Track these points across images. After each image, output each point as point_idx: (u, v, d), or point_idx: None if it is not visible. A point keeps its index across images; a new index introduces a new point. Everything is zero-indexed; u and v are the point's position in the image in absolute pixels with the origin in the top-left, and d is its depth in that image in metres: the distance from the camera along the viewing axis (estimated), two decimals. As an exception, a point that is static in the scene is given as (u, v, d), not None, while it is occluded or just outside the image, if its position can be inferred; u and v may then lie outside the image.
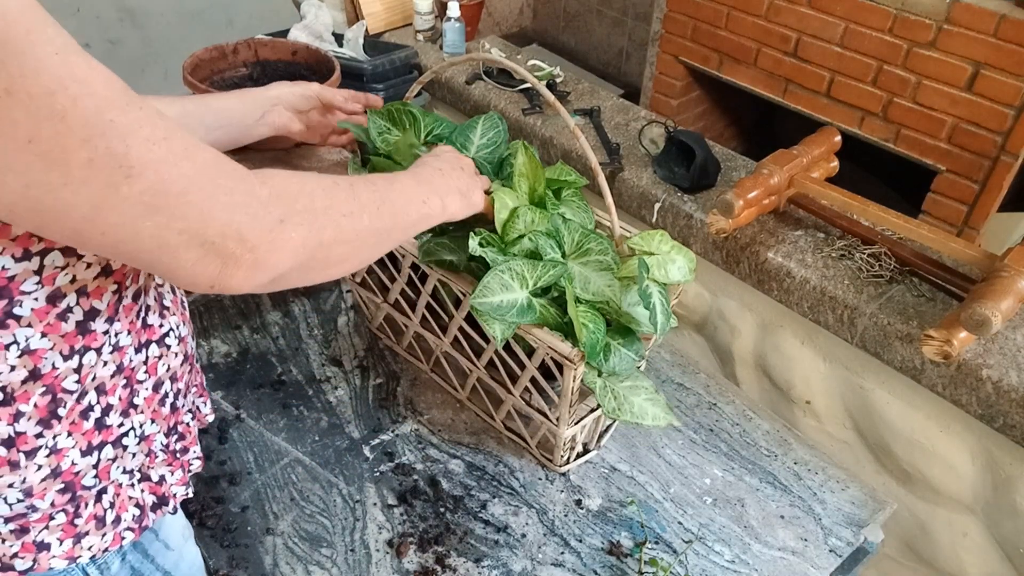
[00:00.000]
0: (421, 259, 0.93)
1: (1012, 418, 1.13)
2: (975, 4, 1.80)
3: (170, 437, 0.72)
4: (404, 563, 0.92)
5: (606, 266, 0.87)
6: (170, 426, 0.71)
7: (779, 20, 2.16)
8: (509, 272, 0.84)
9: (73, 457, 0.60)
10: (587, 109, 1.81)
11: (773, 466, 1.07)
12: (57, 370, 0.57)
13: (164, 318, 0.68)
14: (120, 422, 0.63)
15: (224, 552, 0.92)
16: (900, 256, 1.32)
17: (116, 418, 0.63)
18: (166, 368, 0.68)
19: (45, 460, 0.58)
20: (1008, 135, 1.85)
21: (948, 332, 1.13)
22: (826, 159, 1.47)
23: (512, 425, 1.05)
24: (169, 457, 0.72)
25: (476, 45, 2.18)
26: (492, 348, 0.95)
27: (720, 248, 1.46)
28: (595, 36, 3.25)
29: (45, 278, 0.53)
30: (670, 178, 1.57)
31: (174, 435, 0.73)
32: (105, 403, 0.62)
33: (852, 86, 2.09)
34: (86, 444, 0.61)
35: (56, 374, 0.57)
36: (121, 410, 0.63)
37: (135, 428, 0.65)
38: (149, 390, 0.66)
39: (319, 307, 1.28)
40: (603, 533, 0.97)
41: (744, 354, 1.55)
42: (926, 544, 1.36)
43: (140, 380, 0.64)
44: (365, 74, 1.93)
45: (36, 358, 0.55)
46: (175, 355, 0.69)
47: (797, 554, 0.96)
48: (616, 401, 0.88)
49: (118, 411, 0.63)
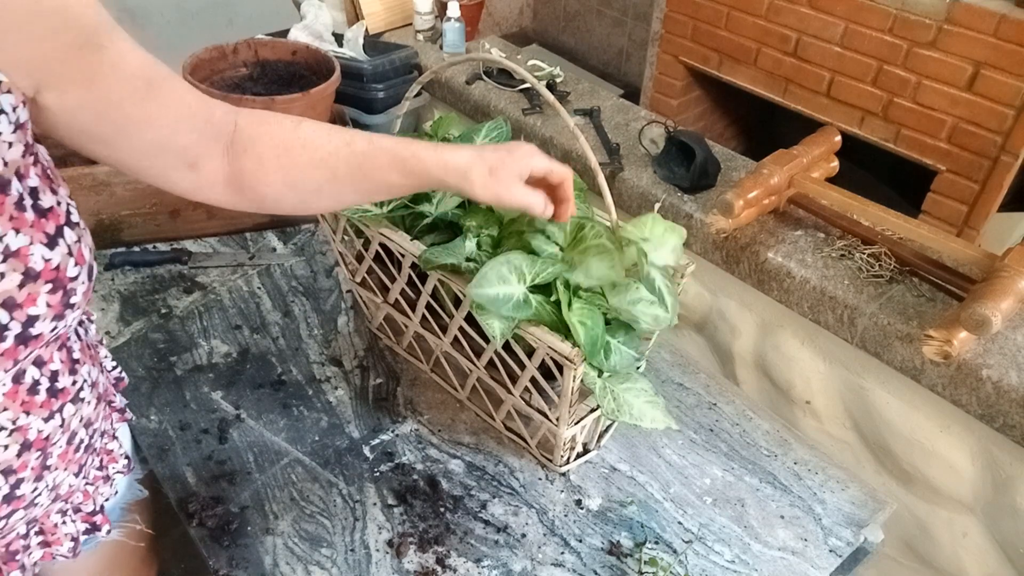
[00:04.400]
0: (423, 266, 0.93)
1: (1012, 418, 1.13)
2: (975, 4, 1.80)
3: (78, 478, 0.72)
4: (404, 563, 0.92)
5: (603, 249, 0.85)
6: (81, 465, 0.72)
7: (779, 20, 2.16)
8: (508, 265, 0.83)
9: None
10: (587, 109, 1.81)
11: (773, 466, 1.07)
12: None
13: (76, 373, 0.67)
14: (34, 487, 0.63)
15: (224, 552, 0.92)
16: (900, 256, 1.31)
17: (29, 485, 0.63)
18: (79, 420, 0.67)
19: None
20: (1008, 135, 1.85)
21: (948, 332, 1.13)
22: (826, 159, 1.47)
23: (512, 425, 1.05)
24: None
25: (476, 45, 2.18)
26: (492, 348, 0.95)
27: (720, 248, 1.46)
28: (595, 36, 3.25)
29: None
30: (670, 178, 1.57)
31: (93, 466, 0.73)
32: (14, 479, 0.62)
33: (852, 86, 2.09)
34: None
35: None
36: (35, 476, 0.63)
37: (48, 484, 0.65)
38: (63, 446, 0.66)
39: (319, 307, 1.28)
40: (603, 533, 0.97)
41: (744, 354, 1.55)
42: (926, 544, 1.36)
43: (55, 441, 0.64)
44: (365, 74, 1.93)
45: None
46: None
47: (797, 554, 0.96)
48: (616, 402, 0.88)
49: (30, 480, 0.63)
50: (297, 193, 0.74)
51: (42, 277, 0.57)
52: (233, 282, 1.32)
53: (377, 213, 0.99)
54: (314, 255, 1.39)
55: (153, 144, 0.66)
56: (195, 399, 1.11)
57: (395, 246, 0.97)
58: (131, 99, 0.62)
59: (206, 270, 1.34)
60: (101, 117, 0.62)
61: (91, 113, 0.61)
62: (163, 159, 0.67)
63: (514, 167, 0.76)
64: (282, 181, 0.73)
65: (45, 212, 0.58)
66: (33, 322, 0.57)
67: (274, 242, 1.42)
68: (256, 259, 1.37)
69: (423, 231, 1.00)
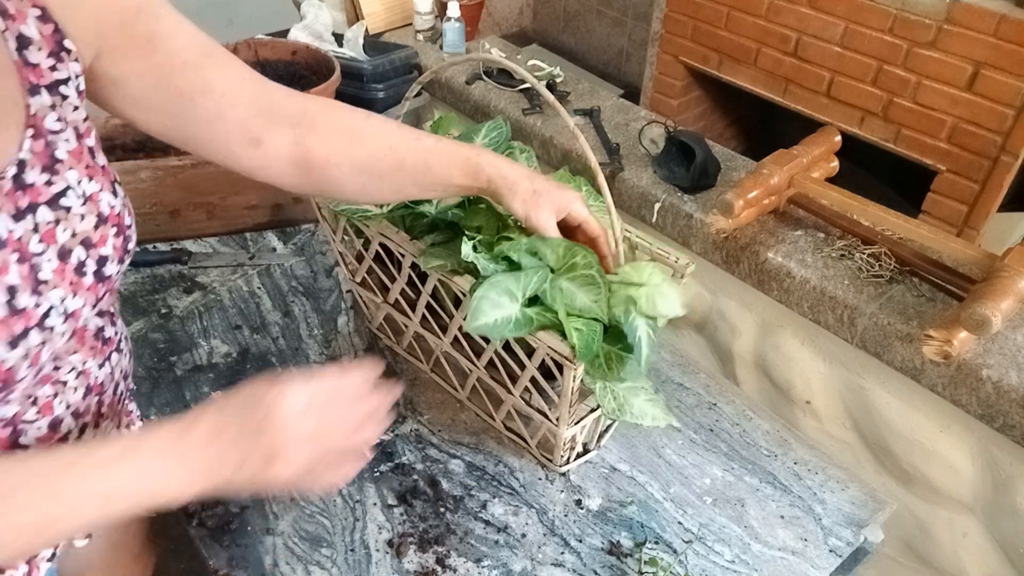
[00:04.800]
0: (422, 266, 0.93)
1: (1012, 418, 1.13)
2: (975, 4, 1.80)
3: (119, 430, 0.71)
4: (404, 563, 0.92)
5: (591, 280, 0.84)
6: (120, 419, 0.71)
7: (779, 20, 2.16)
8: (496, 289, 0.81)
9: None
10: (587, 109, 1.82)
11: (773, 466, 1.07)
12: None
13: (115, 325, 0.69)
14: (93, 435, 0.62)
15: (224, 552, 0.92)
16: (900, 256, 1.32)
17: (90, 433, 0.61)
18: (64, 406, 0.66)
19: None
20: (1008, 135, 1.85)
21: (948, 332, 1.13)
22: (826, 159, 1.47)
23: (512, 425, 1.05)
24: None
25: (476, 45, 2.18)
26: (492, 348, 0.95)
27: (720, 248, 1.46)
28: (595, 36, 3.25)
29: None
30: (670, 178, 1.57)
31: None
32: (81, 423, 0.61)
33: (852, 86, 2.09)
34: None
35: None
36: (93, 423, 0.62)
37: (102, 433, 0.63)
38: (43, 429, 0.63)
39: (319, 307, 1.28)
40: (603, 533, 0.97)
41: (744, 354, 1.55)
42: (926, 544, 1.36)
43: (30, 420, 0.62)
44: (365, 74, 1.93)
45: None
46: (74, 390, 0.66)
47: (797, 554, 0.96)
48: (616, 402, 0.88)
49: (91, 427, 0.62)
50: (362, 178, 0.77)
51: (109, 221, 0.63)
52: (233, 282, 1.32)
53: (377, 213, 0.98)
54: (314, 255, 1.39)
55: (213, 114, 0.68)
56: (195, 399, 1.11)
57: (395, 246, 0.97)
58: (189, 66, 0.66)
59: (206, 270, 1.34)
60: (159, 85, 0.65)
61: (151, 80, 0.64)
62: (223, 132, 0.70)
63: (556, 199, 0.79)
64: (350, 164, 0.75)
65: (103, 167, 0.64)
66: (104, 262, 0.63)
67: (274, 242, 1.42)
68: (256, 259, 1.37)
69: (423, 231, 1.00)
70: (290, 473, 0.57)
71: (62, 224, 0.59)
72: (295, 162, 0.74)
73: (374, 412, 0.64)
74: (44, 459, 0.53)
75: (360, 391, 0.63)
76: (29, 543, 0.54)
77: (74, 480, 0.53)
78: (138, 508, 0.55)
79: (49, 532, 0.53)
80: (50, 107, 0.58)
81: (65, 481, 0.52)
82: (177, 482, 0.55)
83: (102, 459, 0.54)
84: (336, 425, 0.60)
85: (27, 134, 0.57)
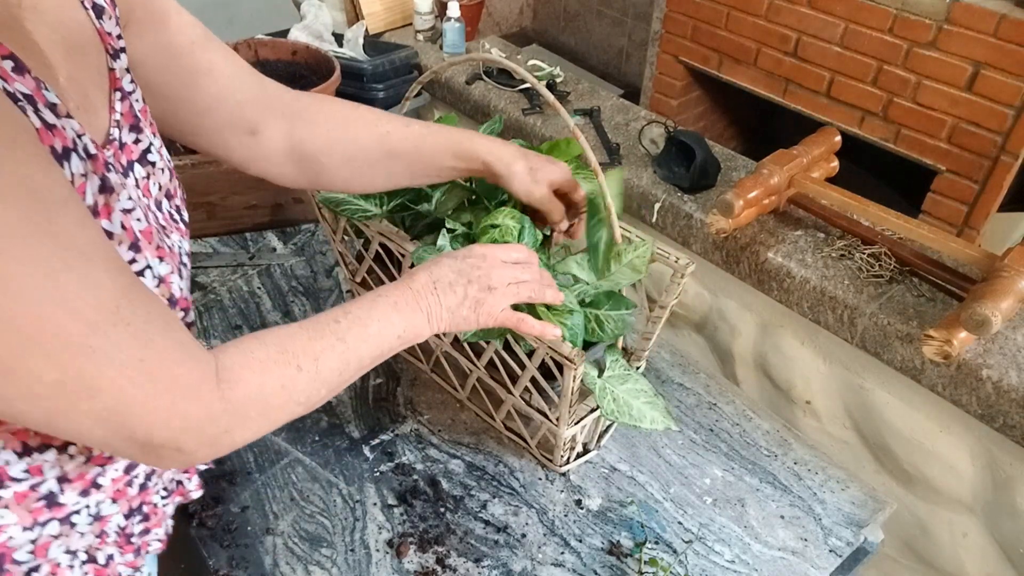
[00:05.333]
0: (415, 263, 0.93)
1: (1012, 418, 1.13)
2: (975, 4, 1.80)
3: (131, 519, 0.66)
4: (404, 563, 0.92)
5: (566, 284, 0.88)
6: (133, 507, 0.65)
7: (779, 20, 2.16)
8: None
9: (11, 532, 0.55)
10: (587, 109, 1.82)
11: (773, 466, 1.07)
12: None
13: None
14: (75, 500, 0.58)
15: (224, 552, 0.92)
16: (900, 256, 1.32)
17: (72, 496, 0.58)
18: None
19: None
20: (1008, 135, 1.85)
21: (948, 332, 1.13)
22: (826, 159, 1.47)
23: (512, 425, 1.05)
24: (122, 540, 0.66)
25: (476, 45, 2.18)
26: (492, 348, 0.95)
27: (720, 248, 1.46)
28: (595, 36, 3.25)
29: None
30: (670, 178, 1.57)
31: (136, 516, 0.66)
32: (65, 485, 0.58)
33: (852, 86, 2.10)
34: (31, 520, 0.56)
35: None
36: (81, 489, 0.58)
37: (89, 507, 0.60)
38: (120, 471, 0.61)
39: (319, 307, 1.28)
40: (603, 533, 0.97)
41: (744, 354, 1.55)
42: (926, 544, 1.36)
43: (109, 457, 0.60)
44: (365, 74, 1.93)
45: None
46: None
47: (797, 554, 0.96)
48: (616, 403, 0.88)
49: (76, 490, 0.58)
50: (353, 166, 0.78)
51: (172, 174, 0.67)
52: (233, 282, 1.32)
53: (377, 213, 0.98)
54: (314, 255, 1.39)
55: (213, 99, 0.71)
56: (195, 399, 1.11)
57: (395, 246, 0.97)
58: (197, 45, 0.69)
59: (206, 270, 1.34)
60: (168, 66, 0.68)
61: (162, 59, 0.67)
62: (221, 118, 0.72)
63: (550, 173, 0.82)
64: (341, 153, 0.77)
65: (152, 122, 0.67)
66: (180, 210, 0.67)
67: (274, 242, 1.42)
68: (256, 259, 1.37)
69: (423, 231, 1.00)
70: (500, 305, 0.71)
71: (152, 179, 0.63)
72: (288, 153, 0.76)
73: (549, 282, 0.77)
74: (313, 324, 0.62)
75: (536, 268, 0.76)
76: (341, 380, 0.63)
77: (345, 331, 0.62)
78: (394, 350, 0.68)
79: (348, 372, 0.63)
80: (125, 69, 0.62)
81: (345, 333, 0.62)
82: (415, 325, 0.67)
83: (357, 317, 0.64)
84: (529, 277, 0.74)
85: (116, 96, 0.60)
